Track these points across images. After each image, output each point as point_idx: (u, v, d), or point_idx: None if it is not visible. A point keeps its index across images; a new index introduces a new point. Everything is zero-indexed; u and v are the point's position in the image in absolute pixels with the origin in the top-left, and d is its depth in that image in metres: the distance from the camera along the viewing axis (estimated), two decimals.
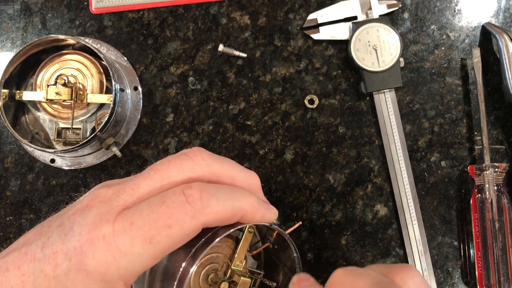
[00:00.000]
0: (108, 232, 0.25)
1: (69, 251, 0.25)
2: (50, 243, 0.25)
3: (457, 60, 0.47)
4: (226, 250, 0.35)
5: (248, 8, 0.48)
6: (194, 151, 0.28)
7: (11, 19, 0.49)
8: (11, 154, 0.47)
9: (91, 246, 0.24)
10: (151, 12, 0.48)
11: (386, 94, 0.46)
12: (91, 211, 0.26)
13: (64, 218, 0.26)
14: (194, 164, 0.28)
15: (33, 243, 0.26)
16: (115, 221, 0.25)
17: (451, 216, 0.46)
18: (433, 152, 0.46)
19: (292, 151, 0.47)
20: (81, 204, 0.27)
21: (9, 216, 0.47)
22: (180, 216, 0.25)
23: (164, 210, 0.25)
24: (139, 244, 0.25)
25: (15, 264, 0.25)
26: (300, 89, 0.47)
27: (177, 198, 0.26)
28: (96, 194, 0.27)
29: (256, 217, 0.29)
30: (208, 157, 0.28)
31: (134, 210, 0.26)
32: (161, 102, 0.47)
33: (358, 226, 0.46)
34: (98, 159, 0.47)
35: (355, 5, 0.46)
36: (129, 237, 0.25)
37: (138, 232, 0.25)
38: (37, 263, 0.25)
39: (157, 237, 0.25)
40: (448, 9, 0.47)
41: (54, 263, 0.25)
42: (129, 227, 0.25)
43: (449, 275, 0.46)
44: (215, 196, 0.26)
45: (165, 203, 0.25)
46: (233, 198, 0.27)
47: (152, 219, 0.25)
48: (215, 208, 0.26)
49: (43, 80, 0.45)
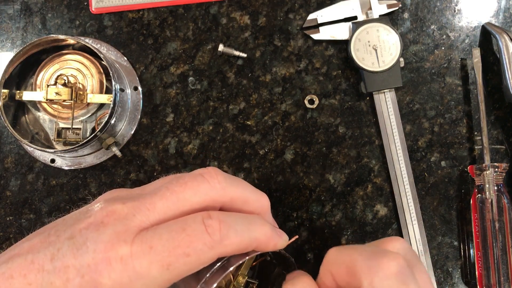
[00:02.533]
0: (126, 253, 0.24)
1: (82, 268, 0.24)
2: (61, 256, 0.25)
3: (457, 60, 0.47)
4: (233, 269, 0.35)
5: (248, 8, 0.48)
6: (211, 172, 0.28)
7: (11, 19, 0.49)
8: (11, 154, 0.47)
9: (107, 266, 0.24)
10: (151, 12, 0.48)
11: (386, 94, 0.46)
12: (107, 229, 0.25)
13: (75, 231, 0.26)
14: (211, 187, 0.28)
15: (40, 252, 0.25)
16: (133, 242, 0.25)
17: (451, 216, 0.46)
18: (433, 152, 0.46)
19: (292, 151, 0.47)
20: (94, 218, 0.26)
21: (9, 216, 0.47)
22: (199, 246, 0.25)
23: (184, 238, 0.25)
24: (156, 269, 0.25)
25: (21, 272, 0.25)
26: (300, 89, 0.47)
27: (197, 227, 0.26)
28: (111, 210, 0.26)
29: (269, 246, 0.29)
30: (224, 180, 0.28)
31: (153, 233, 0.25)
32: (161, 102, 0.47)
33: (358, 226, 0.46)
34: (98, 159, 0.47)
35: (355, 5, 0.46)
36: (147, 261, 0.25)
37: (157, 257, 0.25)
38: (46, 275, 0.24)
39: (174, 264, 0.25)
40: (448, 9, 0.47)
41: (65, 277, 0.24)
42: (148, 250, 0.25)
43: (449, 275, 0.46)
44: (233, 227, 0.27)
45: (185, 231, 0.26)
46: (250, 229, 0.28)
47: (172, 246, 0.25)
48: (233, 240, 0.26)
49: (43, 80, 0.45)
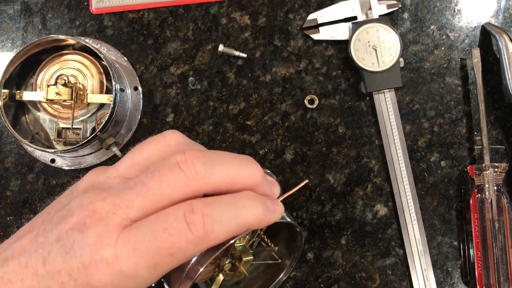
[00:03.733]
0: (111, 256, 0.24)
1: (73, 272, 0.24)
2: (51, 259, 0.25)
3: (457, 60, 0.47)
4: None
5: (248, 8, 0.48)
6: (187, 161, 0.26)
7: (11, 19, 0.49)
8: (11, 154, 0.47)
9: (96, 270, 0.24)
10: (151, 12, 0.48)
11: (386, 94, 0.46)
12: (90, 231, 0.25)
13: (61, 232, 0.26)
14: (188, 180, 0.26)
15: (32, 255, 0.25)
16: (117, 243, 0.24)
17: (451, 216, 0.46)
18: (433, 152, 0.46)
19: (292, 151, 0.47)
20: (77, 219, 0.26)
21: (9, 216, 0.47)
22: (183, 245, 0.25)
23: (167, 239, 0.24)
24: (143, 269, 0.25)
25: (17, 277, 0.25)
26: (300, 89, 0.47)
27: (179, 226, 0.25)
28: (91, 210, 0.26)
29: (262, 225, 0.28)
30: (203, 169, 0.26)
31: (136, 232, 0.25)
32: (161, 102, 0.48)
33: (358, 226, 0.46)
34: (98, 159, 0.47)
35: (355, 5, 0.46)
36: (133, 263, 0.24)
37: (141, 259, 0.24)
38: (41, 279, 0.25)
39: (160, 264, 0.25)
40: (448, 9, 0.48)
41: (59, 281, 0.24)
42: (133, 252, 0.24)
43: (449, 275, 0.46)
44: (218, 220, 0.25)
45: (167, 231, 0.25)
46: (238, 216, 0.26)
47: (155, 247, 0.24)
48: (218, 232, 0.25)
49: (43, 80, 0.45)
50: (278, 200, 0.30)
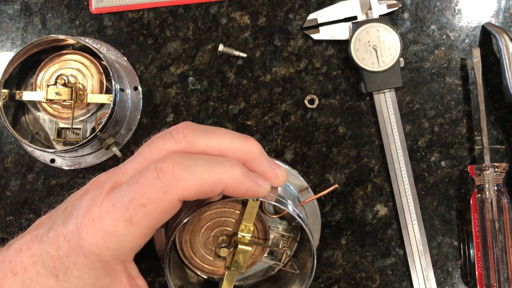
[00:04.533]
0: (96, 214, 0.25)
1: (67, 234, 0.26)
2: (55, 226, 0.27)
3: (457, 60, 0.47)
4: (237, 216, 0.35)
5: (248, 8, 0.48)
6: (178, 128, 0.28)
7: (11, 19, 0.49)
8: (11, 154, 0.47)
9: (84, 229, 0.25)
10: (151, 12, 0.48)
11: (386, 94, 0.46)
12: (87, 195, 0.27)
13: (68, 203, 0.28)
14: (176, 143, 0.27)
15: (43, 227, 0.28)
16: (102, 203, 0.26)
17: (451, 216, 0.46)
18: (433, 152, 0.46)
19: (292, 151, 0.47)
20: (83, 189, 0.28)
21: (9, 216, 0.47)
22: (152, 194, 0.25)
23: (138, 189, 0.25)
24: (121, 225, 0.25)
25: (27, 246, 0.27)
26: (300, 89, 0.47)
27: (150, 175, 0.25)
28: (95, 179, 0.28)
29: (239, 191, 0.27)
30: (191, 134, 0.27)
31: (117, 190, 0.26)
32: (161, 102, 0.47)
33: (358, 226, 0.46)
34: (98, 159, 0.47)
35: (355, 5, 0.46)
36: (112, 219, 0.25)
37: (118, 213, 0.25)
38: (43, 245, 0.26)
39: (135, 217, 0.25)
40: (448, 9, 0.48)
41: (56, 245, 0.26)
42: (112, 208, 0.25)
43: (449, 275, 0.46)
44: (189, 168, 0.25)
45: (139, 182, 0.26)
46: (212, 171, 0.26)
47: (129, 199, 0.25)
48: (189, 182, 0.25)
49: (43, 80, 0.45)
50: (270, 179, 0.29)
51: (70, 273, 0.26)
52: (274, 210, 0.38)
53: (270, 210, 0.37)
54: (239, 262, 0.33)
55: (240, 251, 0.33)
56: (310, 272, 0.34)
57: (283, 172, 0.30)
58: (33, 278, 0.26)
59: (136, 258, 0.28)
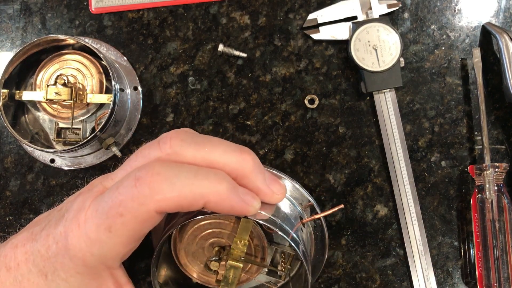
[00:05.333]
0: (82, 219, 0.25)
1: (56, 235, 0.26)
2: (48, 226, 0.27)
3: (457, 60, 0.47)
4: (232, 228, 0.33)
5: (248, 8, 0.48)
6: (166, 137, 0.26)
7: (11, 19, 0.49)
8: (11, 154, 0.47)
9: (70, 233, 0.25)
10: (151, 12, 0.48)
11: (386, 94, 0.45)
12: (79, 198, 0.27)
13: (64, 204, 0.28)
14: (161, 153, 0.26)
15: (38, 225, 0.28)
16: (89, 208, 0.26)
17: (451, 216, 0.46)
18: (433, 152, 0.46)
19: (292, 151, 0.47)
20: (78, 192, 0.28)
21: (9, 216, 0.47)
22: (129, 204, 0.24)
23: (116, 197, 0.25)
24: (102, 232, 0.25)
25: (22, 242, 0.27)
26: (300, 89, 0.47)
27: (128, 183, 0.25)
28: (90, 182, 0.28)
29: (222, 207, 0.26)
30: (179, 144, 0.26)
31: (101, 196, 0.26)
32: (161, 102, 0.47)
33: (358, 226, 0.46)
34: (98, 159, 0.47)
35: (355, 5, 0.46)
36: (95, 225, 0.25)
37: (99, 220, 0.25)
38: (35, 244, 0.27)
39: (113, 226, 0.25)
40: (448, 9, 0.47)
41: (47, 245, 0.26)
42: (94, 214, 0.25)
43: (449, 275, 0.46)
44: (169, 180, 0.24)
45: (117, 189, 0.25)
46: (194, 184, 0.24)
47: (108, 207, 0.25)
48: (167, 194, 0.24)
49: (43, 80, 0.45)
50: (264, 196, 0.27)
51: (57, 274, 0.26)
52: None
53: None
54: (228, 278, 0.30)
55: (230, 266, 0.30)
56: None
57: (281, 188, 0.28)
58: (25, 275, 0.26)
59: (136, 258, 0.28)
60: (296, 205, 0.39)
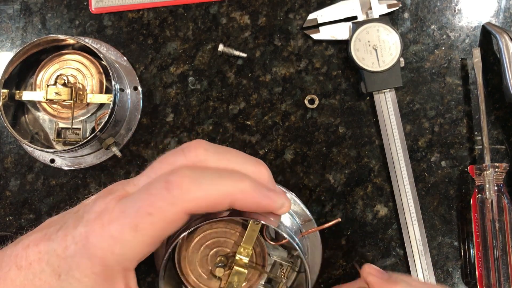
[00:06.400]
0: (106, 220, 0.26)
1: (76, 236, 0.26)
2: (65, 227, 0.27)
3: (457, 60, 0.47)
4: (237, 237, 0.35)
5: (248, 8, 0.48)
6: (190, 146, 0.28)
7: (11, 19, 0.49)
8: (11, 154, 0.47)
9: (93, 233, 0.26)
10: (151, 12, 0.48)
11: (386, 94, 0.45)
12: (99, 201, 0.27)
13: (81, 206, 0.29)
14: (186, 160, 0.28)
15: (52, 226, 0.28)
16: (113, 209, 0.26)
17: (451, 216, 0.46)
18: (433, 152, 0.46)
19: (292, 151, 0.47)
20: (97, 195, 0.29)
21: (9, 216, 0.47)
22: (158, 203, 0.26)
23: (146, 198, 0.26)
24: (127, 231, 0.26)
25: (35, 242, 0.28)
26: (300, 89, 0.47)
27: (159, 185, 0.26)
28: (109, 187, 0.29)
29: (249, 204, 0.27)
30: (203, 153, 0.28)
31: (127, 199, 0.27)
32: (161, 102, 0.47)
33: (358, 226, 0.46)
34: (98, 159, 0.47)
35: (355, 5, 0.46)
36: (120, 225, 0.26)
37: (126, 219, 0.26)
38: (51, 243, 0.27)
39: (140, 225, 0.26)
40: (448, 9, 0.47)
41: (64, 245, 0.27)
42: (121, 214, 0.26)
43: (449, 275, 0.46)
44: (197, 181, 0.26)
45: (148, 191, 0.26)
46: (220, 184, 0.26)
47: (137, 207, 0.26)
48: (196, 193, 0.26)
49: (43, 80, 0.45)
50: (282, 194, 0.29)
51: (71, 274, 0.26)
52: (275, 238, 0.37)
53: (271, 237, 0.37)
54: (233, 284, 0.33)
55: (235, 273, 0.33)
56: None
57: (288, 201, 0.30)
58: (36, 274, 0.27)
59: None
60: (296, 219, 0.41)
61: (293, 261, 0.38)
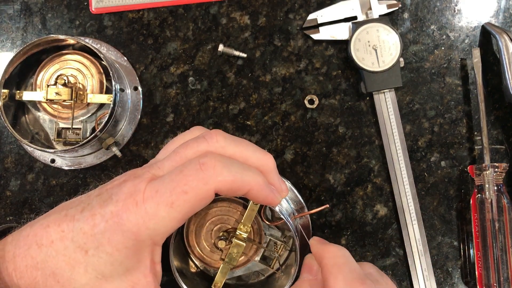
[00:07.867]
0: (139, 199, 0.29)
1: (106, 214, 0.29)
2: (90, 208, 0.30)
3: (457, 60, 0.47)
4: (238, 216, 0.40)
5: (248, 8, 0.48)
6: (211, 134, 0.31)
7: (11, 19, 0.49)
8: (11, 154, 0.47)
9: (126, 211, 0.29)
10: (151, 12, 0.48)
11: (386, 94, 0.46)
12: (127, 184, 0.30)
13: (102, 190, 0.31)
14: (209, 146, 0.31)
15: (72, 208, 0.30)
16: (145, 190, 0.29)
17: (451, 216, 0.46)
18: (433, 152, 0.46)
19: (292, 151, 0.47)
20: (118, 180, 0.31)
21: (9, 216, 0.47)
22: (194, 183, 0.29)
23: (181, 178, 0.29)
24: (162, 208, 0.29)
25: (56, 222, 0.30)
26: (300, 89, 0.47)
27: (193, 167, 0.29)
28: (131, 172, 0.32)
29: (260, 195, 0.31)
30: (223, 140, 0.31)
31: (159, 180, 0.30)
32: (161, 102, 0.47)
33: (358, 226, 0.46)
34: (98, 159, 0.47)
35: (355, 5, 0.46)
36: (155, 203, 0.29)
37: (161, 198, 0.29)
38: (76, 223, 0.29)
39: (176, 202, 0.29)
40: (448, 9, 0.48)
41: (92, 223, 0.29)
42: (155, 194, 0.29)
43: (449, 275, 0.46)
44: (227, 167, 0.29)
45: (182, 172, 0.29)
46: (244, 174, 0.30)
47: (172, 187, 0.29)
48: (226, 177, 0.29)
49: (43, 80, 0.45)
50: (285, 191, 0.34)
51: (102, 249, 0.29)
52: (271, 219, 0.41)
53: (268, 218, 0.41)
54: (232, 255, 0.38)
55: (235, 245, 0.38)
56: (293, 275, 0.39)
57: (287, 188, 0.34)
58: (60, 251, 0.29)
59: None
60: (290, 203, 0.44)
61: (286, 240, 0.42)
